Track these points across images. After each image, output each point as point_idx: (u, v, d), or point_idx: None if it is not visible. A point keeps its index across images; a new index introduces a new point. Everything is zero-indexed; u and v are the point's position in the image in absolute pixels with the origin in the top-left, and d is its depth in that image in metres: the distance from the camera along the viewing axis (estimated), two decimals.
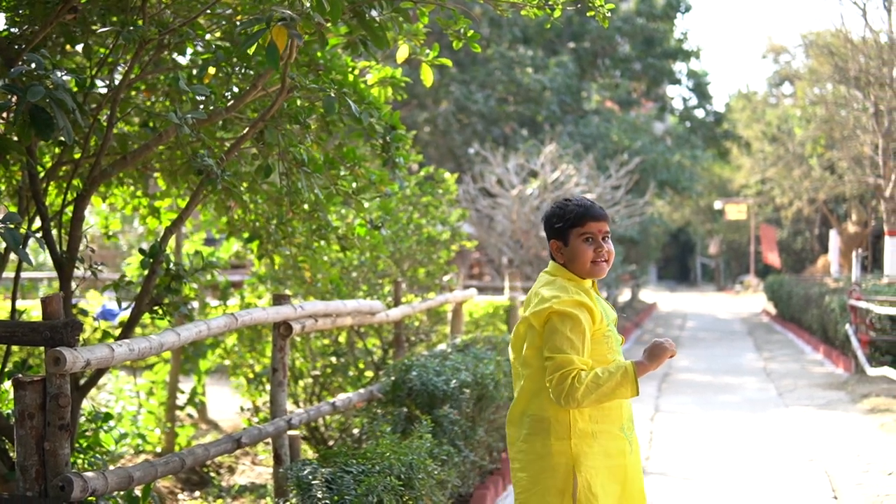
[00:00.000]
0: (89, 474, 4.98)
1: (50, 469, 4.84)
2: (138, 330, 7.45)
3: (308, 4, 5.57)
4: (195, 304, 11.74)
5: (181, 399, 11.91)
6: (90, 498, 5.13)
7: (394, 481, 6.13)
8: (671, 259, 77.30)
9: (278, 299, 7.64)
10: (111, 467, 6.87)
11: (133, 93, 7.33)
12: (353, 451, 6.72)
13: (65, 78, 6.08)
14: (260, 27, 5.28)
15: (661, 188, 36.48)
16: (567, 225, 4.87)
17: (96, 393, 11.47)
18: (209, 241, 15.63)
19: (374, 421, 8.06)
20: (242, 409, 11.15)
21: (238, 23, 6.62)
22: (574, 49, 38.62)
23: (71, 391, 4.96)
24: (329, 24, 6.08)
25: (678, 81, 42.80)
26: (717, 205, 56.60)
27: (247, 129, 6.80)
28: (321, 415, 8.48)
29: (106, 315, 12.67)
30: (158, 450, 11.07)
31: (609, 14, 6.54)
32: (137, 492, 7.12)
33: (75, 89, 6.34)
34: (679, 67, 42.70)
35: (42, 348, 5.82)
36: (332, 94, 6.30)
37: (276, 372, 7.52)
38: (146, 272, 6.74)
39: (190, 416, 12.54)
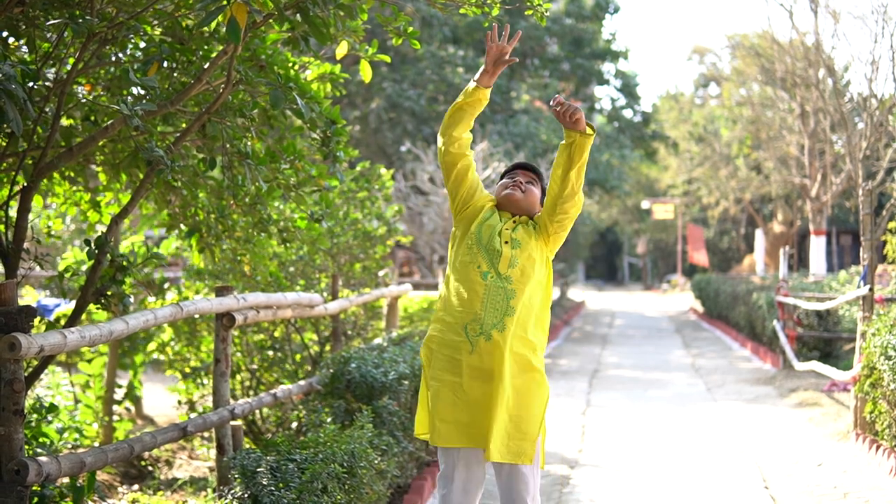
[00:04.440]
0: (43, 459, 5.05)
1: (4, 454, 4.90)
2: None
3: None
4: (132, 299, 11.73)
5: (118, 393, 11.90)
6: (35, 487, 5.20)
7: (338, 468, 6.23)
8: (599, 258, 77.83)
9: (221, 291, 7.73)
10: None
11: (74, 86, 7.37)
12: (294, 441, 6.81)
13: (13, 70, 6.12)
14: (219, 4, 5.35)
15: (589, 187, 36.72)
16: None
17: (32, 389, 11.43)
18: (147, 241, 15.57)
19: (314, 413, 8.16)
20: (180, 403, 11.17)
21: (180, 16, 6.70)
22: None
23: None
24: (271, 20, 6.17)
25: (606, 82, 43.00)
26: (645, 204, 56.85)
27: (188, 122, 6.87)
28: (263, 405, 8.57)
29: (41, 310, 12.59)
30: (96, 444, 11.04)
31: (546, 13, 6.69)
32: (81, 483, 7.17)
33: (21, 82, 6.37)
34: (607, 68, 42.93)
35: None
36: (279, 89, 6.40)
37: (219, 363, 7.61)
38: (91, 263, 6.79)
39: (128, 409, 12.54)
